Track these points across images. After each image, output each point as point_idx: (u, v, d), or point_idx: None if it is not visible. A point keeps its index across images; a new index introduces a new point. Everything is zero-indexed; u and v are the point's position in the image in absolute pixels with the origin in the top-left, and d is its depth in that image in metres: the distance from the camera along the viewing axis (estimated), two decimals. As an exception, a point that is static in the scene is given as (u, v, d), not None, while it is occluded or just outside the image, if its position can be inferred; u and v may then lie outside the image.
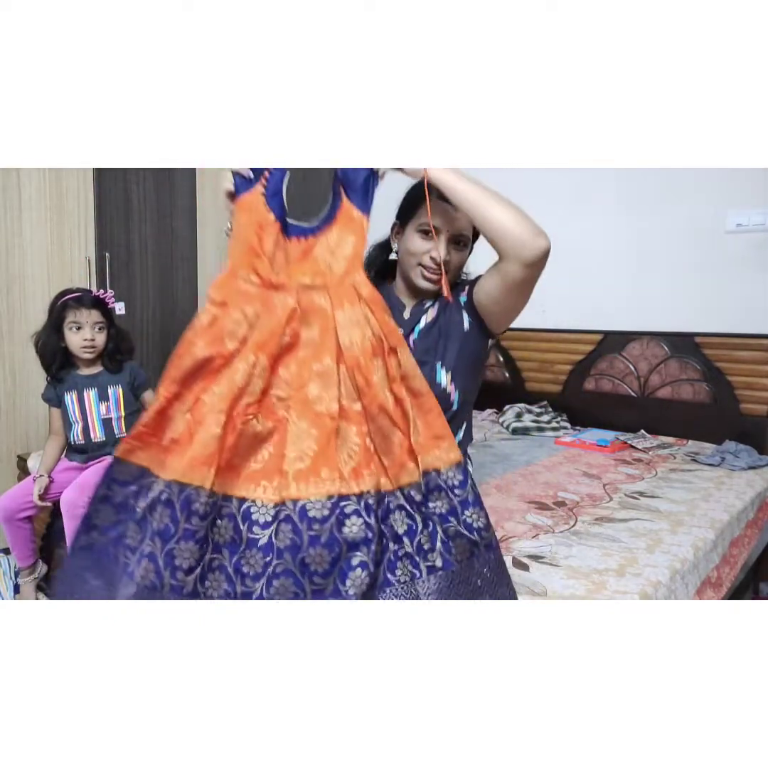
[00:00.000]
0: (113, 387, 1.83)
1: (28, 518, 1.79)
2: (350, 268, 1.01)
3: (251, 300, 0.98)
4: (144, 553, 0.88)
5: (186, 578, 0.85)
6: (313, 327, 0.98)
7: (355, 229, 1.03)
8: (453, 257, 1.22)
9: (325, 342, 0.97)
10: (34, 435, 2.39)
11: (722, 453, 2.13)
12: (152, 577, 0.86)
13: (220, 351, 0.96)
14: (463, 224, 1.19)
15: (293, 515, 0.88)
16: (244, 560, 0.88)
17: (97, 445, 1.81)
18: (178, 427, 0.96)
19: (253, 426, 0.94)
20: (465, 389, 1.28)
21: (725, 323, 2.32)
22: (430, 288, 1.26)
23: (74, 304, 1.75)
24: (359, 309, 0.98)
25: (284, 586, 0.85)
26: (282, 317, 0.97)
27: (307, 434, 0.93)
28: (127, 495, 0.96)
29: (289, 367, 0.97)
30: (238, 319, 0.97)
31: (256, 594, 0.86)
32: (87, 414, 1.80)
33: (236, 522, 0.90)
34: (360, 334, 0.96)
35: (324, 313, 0.98)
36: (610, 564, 1.20)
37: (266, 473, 0.93)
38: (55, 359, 1.78)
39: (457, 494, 0.96)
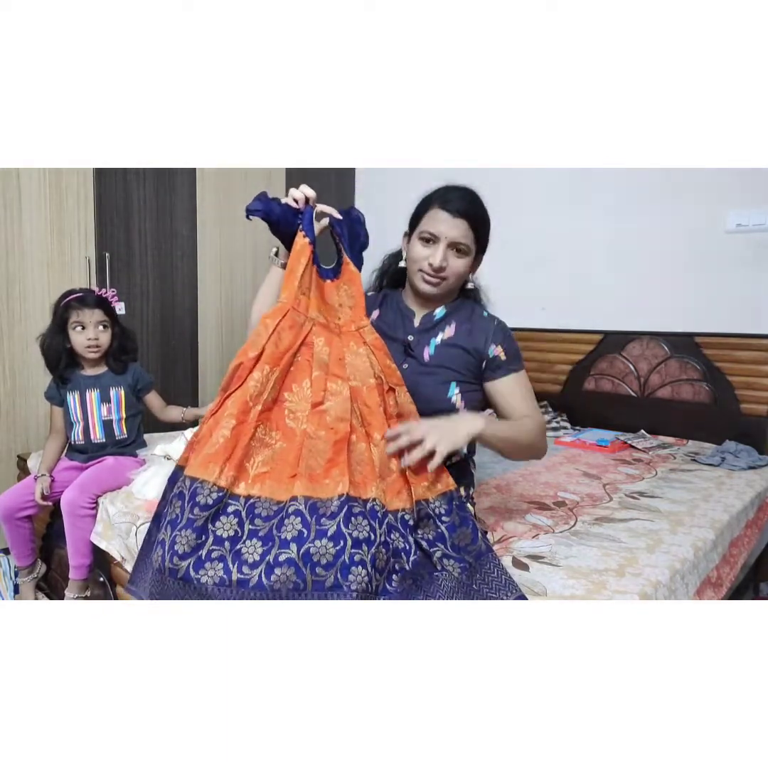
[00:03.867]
0: (115, 388, 1.83)
1: (28, 517, 1.79)
2: (355, 317, 1.19)
3: (275, 313, 1.11)
4: (158, 540, 0.96)
5: (180, 563, 0.91)
6: (325, 353, 1.11)
7: (355, 281, 1.21)
8: (452, 263, 1.26)
9: (336, 369, 1.09)
10: (34, 435, 2.39)
11: (722, 453, 2.14)
12: (159, 561, 0.92)
13: (243, 360, 1.07)
14: (461, 233, 1.23)
15: (303, 510, 0.94)
16: (243, 549, 0.93)
17: (97, 446, 1.82)
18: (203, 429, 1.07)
19: (262, 432, 1.03)
20: (473, 403, 1.30)
21: (725, 323, 2.32)
22: (429, 291, 1.29)
23: (77, 304, 1.75)
24: (363, 351, 1.14)
25: (285, 575, 0.89)
26: (300, 337, 1.10)
27: (323, 442, 1.02)
28: None
29: (303, 384, 1.08)
30: (259, 331, 1.08)
31: (253, 582, 0.89)
32: (88, 414, 1.81)
33: (240, 517, 0.96)
34: (363, 371, 1.11)
35: (337, 344, 1.12)
36: (610, 564, 1.20)
37: (275, 475, 1.01)
38: (60, 360, 1.79)
39: (444, 521, 1.06)
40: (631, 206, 2.53)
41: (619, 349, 2.57)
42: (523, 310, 2.76)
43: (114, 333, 1.82)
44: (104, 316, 1.79)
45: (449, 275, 1.27)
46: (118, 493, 1.61)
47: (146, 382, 1.91)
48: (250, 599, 0.88)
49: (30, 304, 2.35)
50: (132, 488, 1.60)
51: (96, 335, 1.77)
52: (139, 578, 1.07)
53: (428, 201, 1.27)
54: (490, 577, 1.03)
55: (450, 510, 1.07)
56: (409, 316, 1.35)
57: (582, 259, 2.67)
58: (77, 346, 1.77)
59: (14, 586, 1.96)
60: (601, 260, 2.62)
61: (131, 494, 1.57)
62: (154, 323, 2.74)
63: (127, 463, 1.77)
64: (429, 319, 1.34)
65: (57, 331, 1.77)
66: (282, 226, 1.18)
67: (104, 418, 1.82)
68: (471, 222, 1.24)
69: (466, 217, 1.23)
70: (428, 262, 1.25)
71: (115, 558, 1.50)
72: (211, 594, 0.89)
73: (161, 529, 0.97)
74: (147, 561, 1.03)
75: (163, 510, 1.05)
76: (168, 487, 1.07)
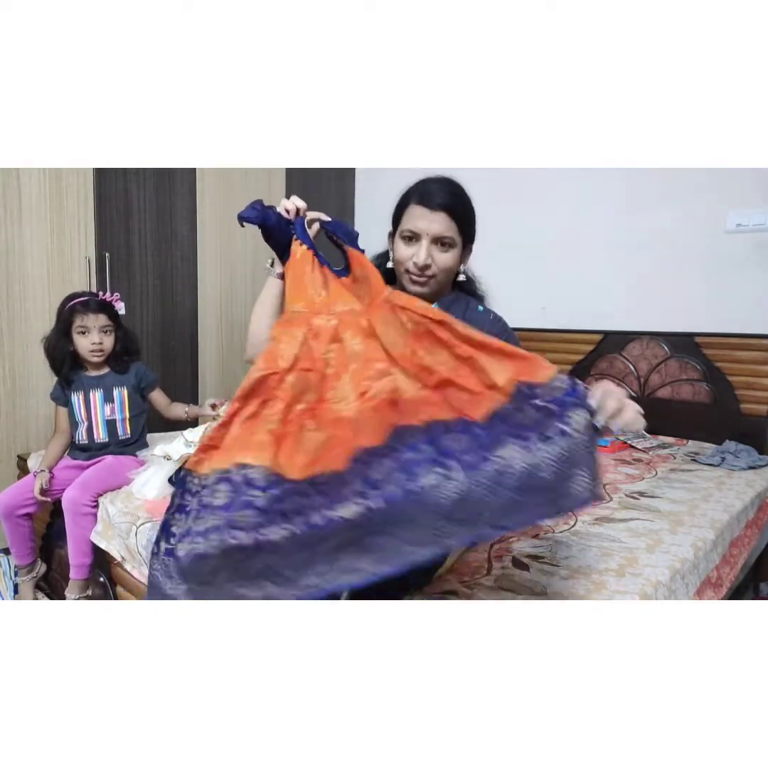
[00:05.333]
0: (119, 388, 1.85)
1: (28, 515, 1.79)
2: (376, 292, 1.15)
3: (299, 323, 1.11)
4: (198, 531, 0.94)
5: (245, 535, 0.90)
6: (356, 339, 1.09)
7: (362, 261, 1.20)
8: (438, 259, 1.22)
9: (372, 351, 1.07)
10: (34, 435, 2.39)
11: (722, 453, 2.14)
12: (213, 544, 0.91)
13: (274, 370, 1.06)
14: (443, 226, 1.19)
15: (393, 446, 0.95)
16: (313, 508, 0.92)
17: (100, 446, 1.83)
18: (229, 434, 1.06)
19: (310, 427, 1.02)
20: None
21: (725, 323, 2.32)
22: (419, 292, 1.27)
23: (81, 308, 1.77)
24: (396, 317, 1.10)
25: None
26: (327, 339, 1.09)
27: (378, 414, 0.99)
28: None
29: (343, 378, 1.06)
30: (288, 341, 1.09)
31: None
32: (92, 414, 1.82)
33: (303, 493, 0.95)
34: (398, 337, 1.07)
35: (364, 326, 1.10)
36: (610, 564, 1.20)
37: (324, 461, 0.98)
38: (65, 362, 1.81)
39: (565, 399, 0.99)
40: (631, 206, 2.53)
41: (619, 349, 2.57)
42: (523, 310, 2.76)
43: (117, 336, 1.85)
44: (108, 321, 1.81)
45: (437, 272, 1.23)
46: (118, 493, 1.62)
47: (150, 379, 1.93)
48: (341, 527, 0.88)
49: (30, 304, 2.35)
50: (132, 488, 1.61)
51: (100, 339, 1.79)
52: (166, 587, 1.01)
53: (406, 197, 1.24)
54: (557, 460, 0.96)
55: (573, 390, 1.03)
56: None
57: (582, 259, 2.67)
58: (81, 349, 1.80)
59: (14, 586, 1.96)
60: (601, 260, 2.62)
61: (131, 494, 1.58)
62: (154, 323, 2.74)
63: (127, 463, 1.77)
64: None
65: (61, 335, 1.79)
66: (277, 233, 1.20)
67: (108, 417, 1.84)
68: (452, 213, 1.19)
69: (445, 210, 1.18)
70: (413, 262, 1.22)
71: (115, 558, 1.50)
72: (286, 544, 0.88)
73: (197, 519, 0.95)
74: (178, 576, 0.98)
75: (174, 521, 1.02)
76: (179, 495, 1.05)
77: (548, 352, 2.76)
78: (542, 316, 2.78)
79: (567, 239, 2.72)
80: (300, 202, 1.22)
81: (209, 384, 2.95)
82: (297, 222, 1.20)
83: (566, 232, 2.72)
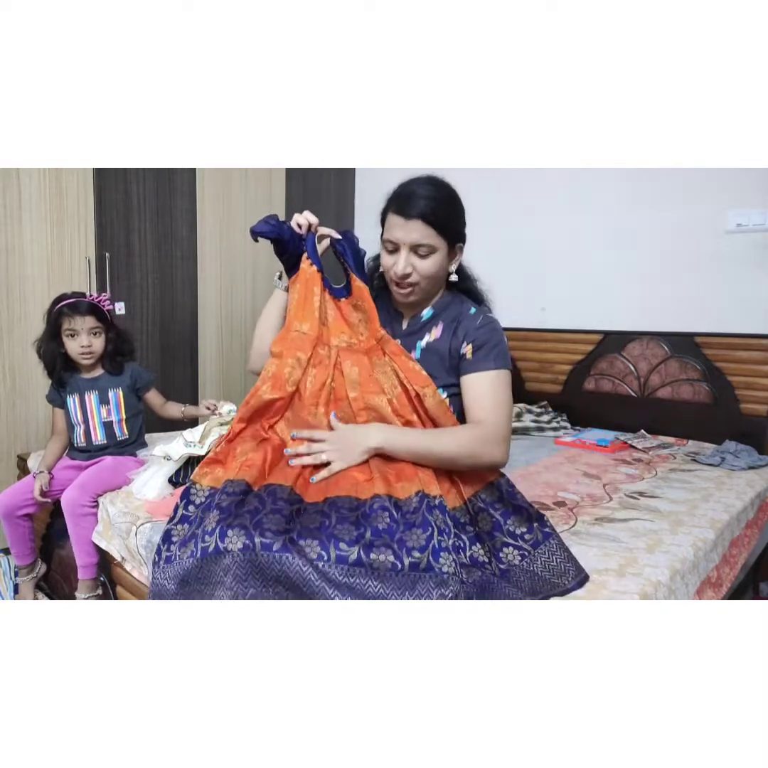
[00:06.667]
0: (113, 390, 1.83)
1: (28, 516, 1.79)
2: (372, 330, 1.23)
3: (303, 347, 1.19)
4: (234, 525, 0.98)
5: (276, 537, 0.94)
6: (355, 373, 1.19)
7: (364, 295, 1.24)
8: (419, 266, 1.21)
9: (370, 385, 1.18)
10: (34, 435, 2.39)
11: (722, 453, 2.13)
12: (238, 544, 0.95)
13: (281, 395, 1.16)
14: (419, 234, 1.18)
15: (389, 506, 1.03)
16: (336, 531, 0.98)
17: (98, 448, 1.82)
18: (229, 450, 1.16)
19: None
20: (461, 406, 1.26)
21: (725, 323, 2.32)
22: (404, 300, 1.27)
23: (68, 311, 1.74)
24: (385, 361, 1.21)
25: (384, 556, 0.95)
26: (329, 369, 1.19)
27: None
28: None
29: (344, 407, 1.18)
30: (293, 364, 1.17)
31: (352, 558, 0.93)
32: (88, 417, 1.81)
33: (323, 512, 1.03)
34: (389, 383, 1.19)
35: (364, 362, 1.20)
36: (610, 564, 1.20)
37: (343, 483, 1.10)
38: (56, 365, 1.79)
39: (497, 508, 1.16)
40: (631, 206, 2.52)
41: (619, 349, 2.56)
42: (523, 310, 2.76)
43: (108, 338, 1.82)
44: (97, 323, 1.78)
45: (418, 279, 1.22)
46: (118, 493, 1.61)
47: (145, 380, 1.91)
48: (350, 576, 0.91)
49: (30, 304, 2.35)
50: (132, 488, 1.61)
51: (89, 342, 1.77)
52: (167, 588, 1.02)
53: (386, 205, 1.23)
54: (549, 565, 1.10)
55: (501, 497, 1.17)
56: (397, 318, 1.34)
57: (582, 259, 2.67)
58: (71, 352, 1.78)
59: (14, 586, 1.96)
60: (601, 260, 2.62)
61: (131, 494, 1.57)
62: (154, 323, 2.74)
63: (127, 463, 1.77)
64: (416, 321, 1.32)
65: (51, 337, 1.77)
66: (290, 247, 1.22)
67: (104, 419, 1.82)
68: (428, 220, 1.16)
69: (421, 217, 1.16)
70: (393, 271, 1.22)
71: (115, 558, 1.50)
72: (305, 572, 0.90)
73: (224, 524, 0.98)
74: (173, 581, 0.99)
75: (176, 531, 1.06)
76: (183, 506, 1.08)
77: (548, 352, 2.77)
78: (542, 316, 2.78)
79: (567, 239, 2.72)
80: (312, 218, 1.22)
81: (209, 383, 2.96)
82: (308, 239, 1.23)
83: (566, 232, 2.72)
